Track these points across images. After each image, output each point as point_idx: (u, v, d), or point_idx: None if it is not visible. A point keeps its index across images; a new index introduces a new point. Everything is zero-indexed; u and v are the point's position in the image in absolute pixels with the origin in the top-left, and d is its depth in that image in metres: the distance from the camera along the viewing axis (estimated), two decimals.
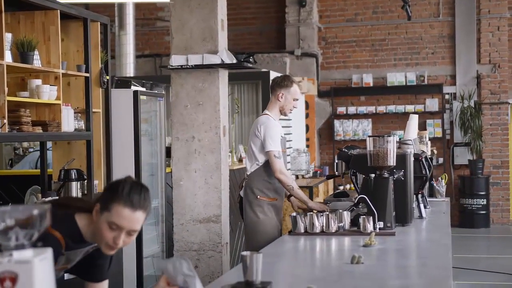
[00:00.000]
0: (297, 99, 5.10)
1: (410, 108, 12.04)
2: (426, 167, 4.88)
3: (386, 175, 4.23)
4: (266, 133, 4.92)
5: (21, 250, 1.71)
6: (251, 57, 5.53)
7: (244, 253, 2.56)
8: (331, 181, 10.19)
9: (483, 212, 11.71)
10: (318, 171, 10.26)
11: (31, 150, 7.98)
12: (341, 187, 9.65)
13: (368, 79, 12.33)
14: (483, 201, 11.69)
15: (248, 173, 5.07)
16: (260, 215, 4.94)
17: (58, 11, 5.07)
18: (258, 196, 4.97)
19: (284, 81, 5.09)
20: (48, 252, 1.74)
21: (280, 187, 5.00)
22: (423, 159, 4.90)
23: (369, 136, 4.29)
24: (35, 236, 1.74)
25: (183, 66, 5.31)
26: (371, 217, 4.03)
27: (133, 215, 2.44)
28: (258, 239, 4.83)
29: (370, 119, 12.32)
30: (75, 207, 2.62)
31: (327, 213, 4.15)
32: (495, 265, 8.71)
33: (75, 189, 5.30)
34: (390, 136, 4.27)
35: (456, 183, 12.09)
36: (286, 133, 9.73)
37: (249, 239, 5.03)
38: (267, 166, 4.96)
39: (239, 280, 2.59)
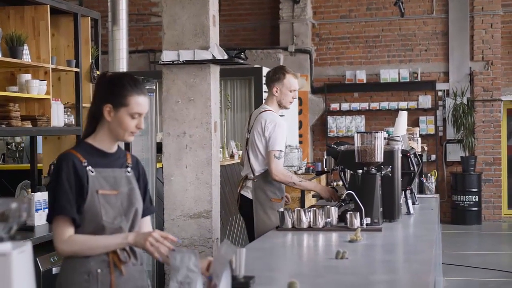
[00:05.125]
0: (294, 90, 4.90)
1: (403, 104, 12.06)
2: (415, 164, 4.88)
3: (373, 171, 4.24)
4: (274, 132, 4.80)
5: None
6: (243, 53, 5.51)
7: None
8: (323, 177, 10.21)
9: (475, 208, 11.75)
10: (311, 167, 10.27)
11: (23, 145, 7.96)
12: (335, 183, 9.66)
13: (361, 76, 12.36)
14: (475, 198, 11.73)
15: (256, 174, 4.88)
16: (273, 217, 4.76)
17: (48, 6, 5.07)
18: (272, 199, 4.85)
19: (276, 74, 4.92)
20: (27, 245, 1.75)
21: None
22: (411, 156, 4.91)
23: (357, 132, 4.30)
24: (14, 229, 1.75)
25: (174, 62, 5.29)
26: (358, 213, 4.05)
27: (146, 100, 2.80)
28: None
29: (363, 116, 12.34)
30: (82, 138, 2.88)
31: (318, 209, 4.13)
32: (486, 261, 8.74)
33: None
34: (377, 132, 4.28)
35: (449, 179, 12.13)
36: None
37: None
38: None
39: None
